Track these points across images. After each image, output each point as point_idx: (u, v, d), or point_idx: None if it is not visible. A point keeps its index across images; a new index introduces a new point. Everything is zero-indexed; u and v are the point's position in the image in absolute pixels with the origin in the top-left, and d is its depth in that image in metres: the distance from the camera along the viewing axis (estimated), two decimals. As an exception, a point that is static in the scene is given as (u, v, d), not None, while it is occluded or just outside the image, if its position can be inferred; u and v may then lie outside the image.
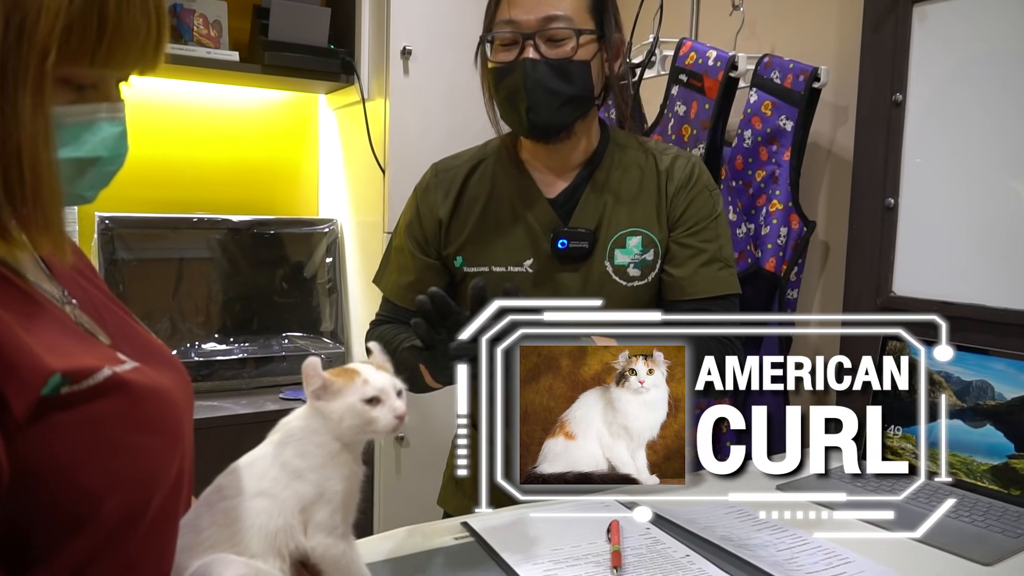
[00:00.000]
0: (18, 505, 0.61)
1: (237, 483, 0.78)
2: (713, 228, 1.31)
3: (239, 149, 2.62)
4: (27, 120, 0.63)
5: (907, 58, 1.63)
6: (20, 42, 0.62)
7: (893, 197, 1.66)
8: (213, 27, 2.33)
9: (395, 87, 2.30)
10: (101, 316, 0.80)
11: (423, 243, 1.37)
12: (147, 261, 2.33)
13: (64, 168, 0.68)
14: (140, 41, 0.69)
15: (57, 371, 0.63)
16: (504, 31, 1.24)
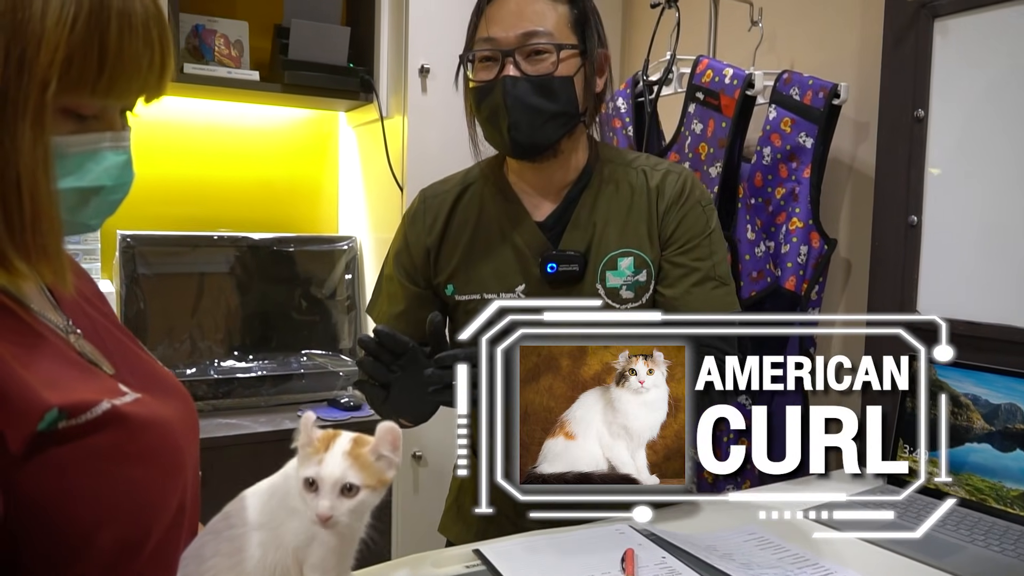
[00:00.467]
0: (14, 537, 0.61)
1: (242, 512, 0.77)
2: (707, 245, 1.27)
3: (259, 167, 2.64)
4: (27, 150, 0.63)
5: (929, 73, 1.60)
6: (20, 73, 0.62)
7: (916, 214, 1.63)
8: (234, 47, 2.35)
9: (413, 105, 2.31)
10: (106, 345, 0.80)
11: (412, 272, 1.35)
12: (168, 278, 2.35)
13: (67, 198, 0.68)
14: (142, 71, 0.69)
15: (54, 406, 0.63)
16: (483, 48, 1.22)
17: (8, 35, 0.62)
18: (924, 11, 1.59)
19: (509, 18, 1.20)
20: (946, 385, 1.52)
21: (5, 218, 0.63)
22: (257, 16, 2.45)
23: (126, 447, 0.68)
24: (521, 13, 1.20)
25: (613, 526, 1.25)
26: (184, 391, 0.84)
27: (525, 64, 1.20)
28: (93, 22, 0.65)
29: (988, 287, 1.54)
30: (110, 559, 0.66)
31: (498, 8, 1.22)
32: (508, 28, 1.20)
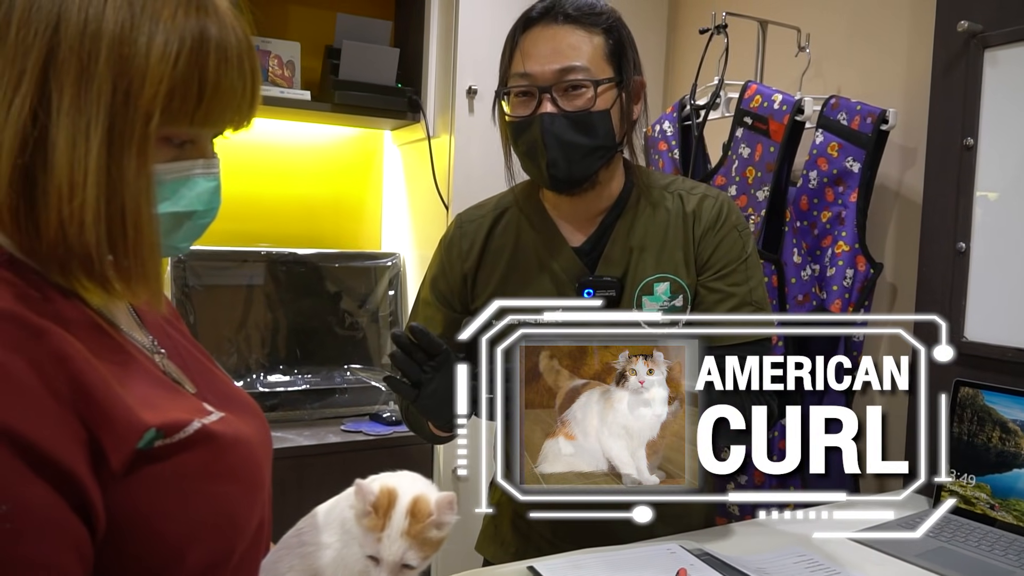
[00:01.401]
0: (103, 558, 0.63)
1: (313, 530, 0.80)
2: (743, 270, 1.26)
3: (304, 184, 2.69)
4: (131, 179, 0.66)
5: (979, 102, 1.60)
6: (127, 106, 0.65)
7: (964, 241, 1.63)
8: (287, 67, 2.41)
9: (460, 125, 2.35)
10: (186, 364, 0.82)
11: (449, 297, 1.35)
12: (217, 292, 2.40)
13: (162, 222, 0.71)
14: (236, 101, 0.72)
15: (152, 426, 0.65)
16: (519, 84, 1.21)
17: (115, 71, 0.65)
18: (974, 41, 1.60)
19: (545, 52, 1.19)
20: (994, 411, 1.51)
21: (110, 243, 0.66)
22: (309, 37, 2.50)
23: (214, 465, 0.70)
24: (557, 47, 1.19)
25: (663, 545, 1.26)
26: (258, 409, 0.87)
27: (562, 100, 1.19)
28: (194, 57, 0.67)
29: (1036, 314, 1.53)
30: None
31: (533, 42, 1.21)
32: (544, 63, 1.19)
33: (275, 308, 2.49)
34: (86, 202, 0.64)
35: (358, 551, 0.78)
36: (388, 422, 2.40)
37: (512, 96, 1.24)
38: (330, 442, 2.24)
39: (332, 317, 2.58)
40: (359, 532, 0.79)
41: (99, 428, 0.62)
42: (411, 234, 2.67)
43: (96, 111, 0.64)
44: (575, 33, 1.20)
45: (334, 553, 0.78)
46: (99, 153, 0.64)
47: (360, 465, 2.40)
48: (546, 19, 1.21)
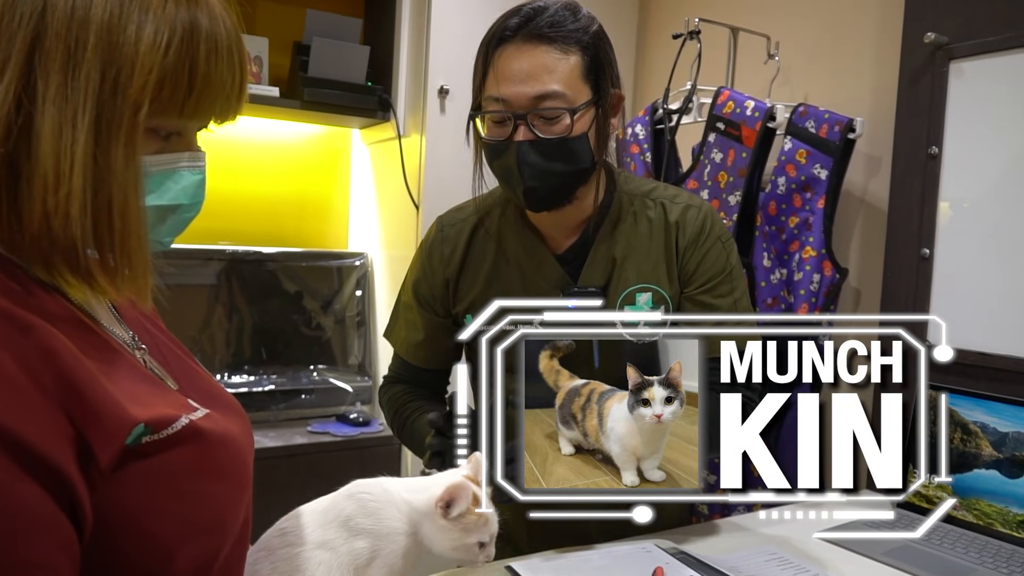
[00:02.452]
0: (93, 558, 0.62)
1: (299, 530, 0.79)
2: (728, 282, 1.26)
3: (270, 181, 2.66)
4: (119, 170, 0.65)
5: (944, 112, 1.65)
6: (115, 96, 0.64)
7: (928, 248, 1.67)
8: (254, 63, 2.38)
9: (432, 125, 2.34)
10: (167, 360, 0.81)
11: (431, 301, 1.34)
12: (179, 292, 2.36)
13: (147, 216, 0.70)
14: (225, 92, 0.71)
15: (140, 421, 0.64)
16: (494, 109, 1.17)
17: (104, 59, 0.63)
18: (940, 53, 1.64)
19: (520, 77, 1.13)
20: (956, 413, 1.55)
21: (96, 236, 0.64)
22: (277, 33, 2.48)
23: (202, 463, 0.69)
24: (531, 71, 1.13)
25: (640, 544, 1.27)
26: (239, 406, 0.85)
27: (538, 126, 1.15)
28: (184, 47, 0.66)
29: (998, 319, 1.57)
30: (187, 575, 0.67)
31: (507, 63, 1.15)
32: (519, 87, 1.13)
33: (239, 308, 2.45)
34: (72, 193, 0.62)
35: (358, 547, 0.77)
36: (355, 423, 2.38)
37: (487, 116, 1.19)
38: (296, 443, 2.22)
39: (298, 317, 2.55)
40: (466, 524, 0.83)
41: (87, 424, 0.60)
42: (379, 234, 2.65)
43: (83, 99, 0.63)
44: (550, 54, 1.14)
45: (326, 554, 0.77)
46: (86, 142, 0.62)
47: (327, 467, 2.39)
48: (520, 37, 1.15)
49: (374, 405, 2.60)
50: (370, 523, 0.78)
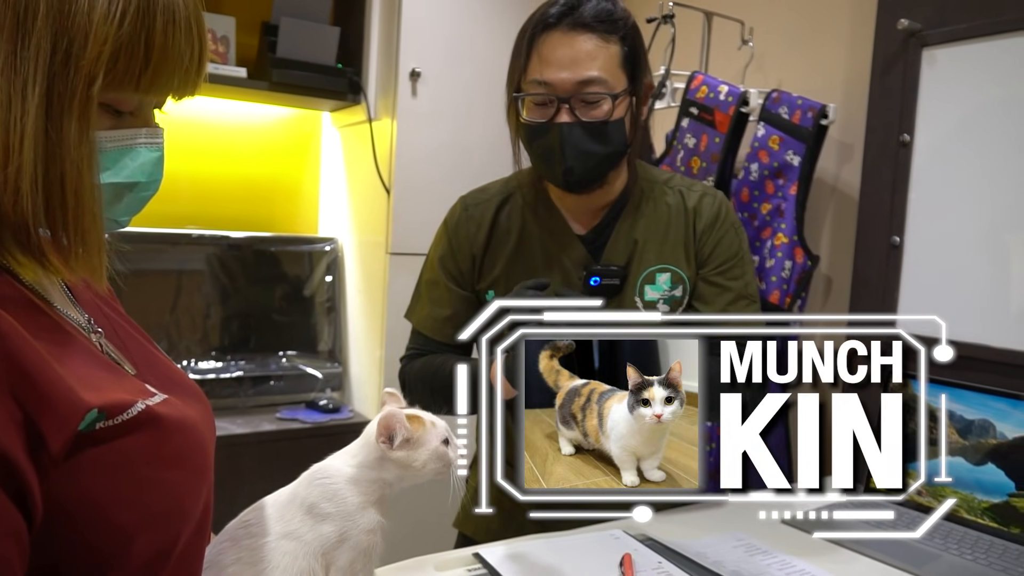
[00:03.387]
0: (49, 545, 0.60)
1: (263, 521, 0.77)
2: (740, 266, 1.33)
3: (239, 164, 2.62)
4: (72, 145, 0.62)
5: (915, 100, 1.65)
6: (67, 67, 0.61)
7: (899, 235, 1.68)
8: (221, 42, 2.33)
9: (403, 108, 2.31)
10: (125, 344, 0.79)
11: (458, 276, 1.37)
12: (145, 277, 2.31)
13: (103, 193, 0.68)
14: (183, 66, 0.69)
15: (94, 406, 0.62)
16: (537, 92, 1.23)
17: (56, 29, 0.61)
18: (913, 40, 1.64)
19: (564, 61, 1.20)
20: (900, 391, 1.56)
21: (47, 213, 0.62)
22: (244, 12, 2.43)
23: (160, 449, 0.67)
24: (575, 57, 1.20)
25: (608, 531, 1.26)
26: (201, 392, 0.83)
27: (580, 110, 1.22)
28: (140, 18, 0.64)
29: (965, 307, 1.59)
30: (143, 565, 0.65)
31: (552, 48, 1.22)
32: (563, 72, 1.20)
33: (207, 293, 2.42)
34: (22, 168, 0.60)
35: (325, 531, 0.76)
36: (324, 410, 2.36)
37: (527, 99, 1.25)
38: (265, 430, 2.19)
39: (267, 303, 2.52)
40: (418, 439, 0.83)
41: (37, 410, 0.58)
42: (350, 219, 2.62)
43: (33, 71, 0.60)
44: (592, 40, 1.21)
45: (292, 543, 0.75)
46: (37, 115, 0.60)
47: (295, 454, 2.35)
48: (564, 24, 1.22)
49: (344, 391, 2.58)
50: (333, 506, 0.78)
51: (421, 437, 0.83)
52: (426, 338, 1.40)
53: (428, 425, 0.84)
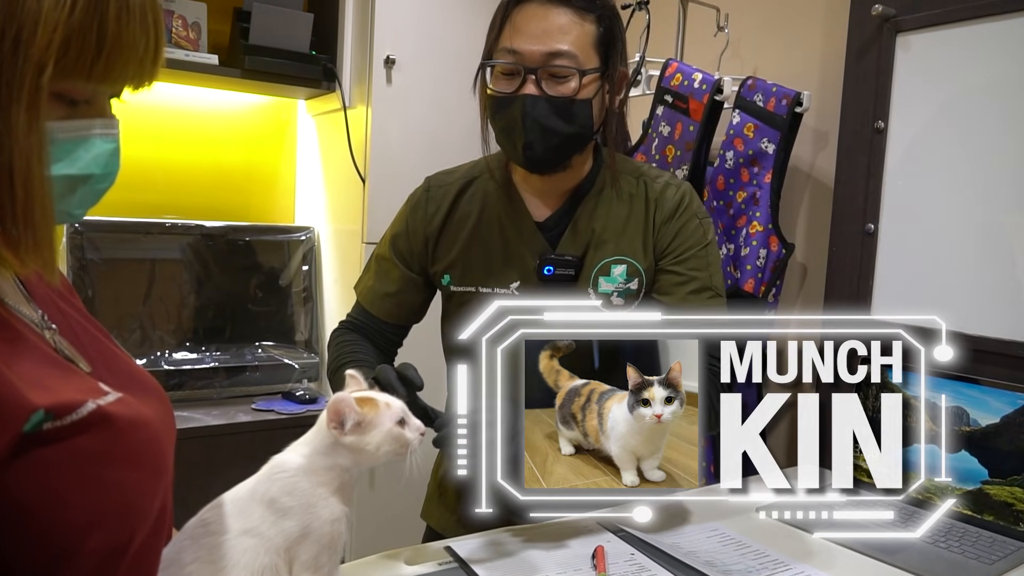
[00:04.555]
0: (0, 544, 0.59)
1: (222, 519, 0.76)
2: (703, 256, 1.29)
3: (213, 153, 2.59)
4: (21, 136, 0.61)
5: (890, 86, 1.65)
6: (15, 55, 0.60)
7: (873, 223, 1.68)
8: (192, 29, 2.30)
9: (378, 96, 2.29)
10: (80, 341, 0.77)
11: (407, 256, 1.37)
12: (118, 266, 2.28)
13: (55, 185, 0.66)
14: (139, 55, 0.67)
15: (40, 407, 0.60)
16: (506, 60, 1.21)
17: (3, 15, 0.59)
18: (887, 26, 1.64)
19: (535, 32, 1.18)
20: (896, 387, 1.57)
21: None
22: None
23: (112, 449, 0.66)
24: (548, 28, 1.18)
25: (582, 523, 1.26)
26: (160, 389, 0.82)
27: (547, 83, 1.19)
28: (92, 4, 0.62)
29: (939, 294, 1.59)
30: (95, 565, 0.64)
31: (525, 19, 1.20)
32: (534, 43, 1.18)
33: (181, 283, 2.39)
34: None
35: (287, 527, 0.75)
36: (301, 400, 2.34)
37: (496, 70, 1.22)
38: (240, 421, 2.17)
39: (243, 292, 2.49)
40: (370, 422, 0.81)
41: None
42: (326, 208, 2.59)
43: None
44: (567, 15, 1.19)
45: (253, 540, 0.74)
46: None
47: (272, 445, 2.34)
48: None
49: (321, 382, 2.56)
50: (293, 500, 0.76)
51: (374, 419, 0.80)
52: (364, 310, 1.40)
53: (382, 407, 0.82)
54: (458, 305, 1.34)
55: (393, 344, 1.44)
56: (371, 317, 1.39)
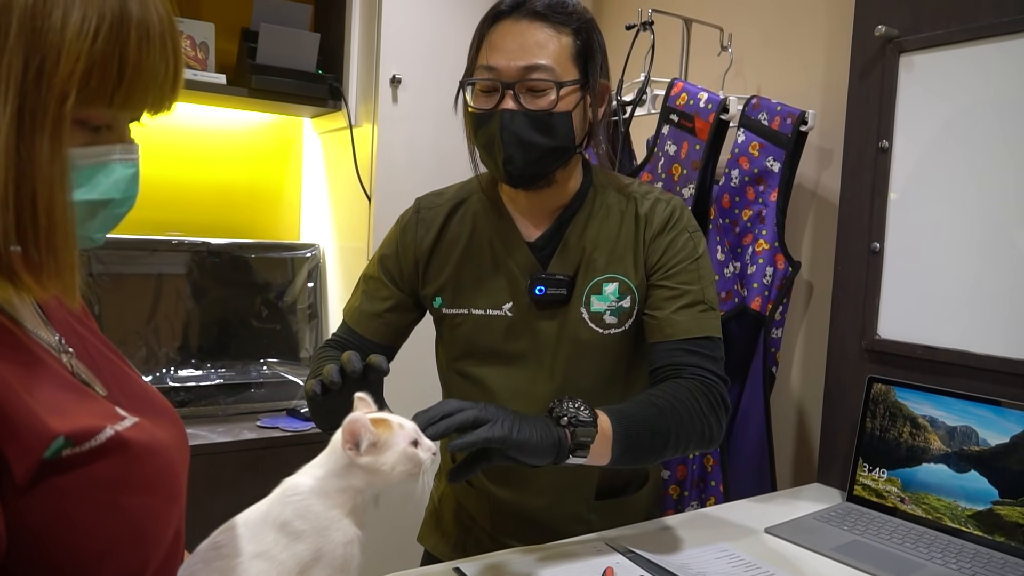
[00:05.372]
0: (15, 570, 0.59)
1: (235, 542, 0.76)
2: (694, 270, 1.27)
3: (219, 171, 2.60)
4: (44, 163, 0.62)
5: (894, 106, 1.65)
6: (39, 85, 0.61)
7: (879, 241, 1.68)
8: (200, 49, 2.31)
9: (383, 115, 2.30)
10: (97, 365, 0.78)
11: (397, 277, 1.36)
12: (124, 283, 2.29)
13: (76, 210, 0.67)
14: (158, 82, 0.68)
15: (60, 434, 0.61)
16: (484, 77, 1.20)
17: (27, 46, 0.60)
18: (890, 46, 1.65)
19: (511, 48, 1.18)
20: (904, 407, 1.57)
21: (19, 232, 0.61)
22: (224, 18, 2.41)
23: (128, 476, 0.66)
24: (523, 44, 1.18)
25: (590, 543, 1.26)
26: (173, 411, 0.82)
27: (525, 97, 1.18)
28: (114, 34, 0.63)
29: (946, 313, 1.59)
30: None
31: (501, 36, 1.20)
32: (510, 59, 1.18)
33: (187, 299, 2.39)
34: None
35: (299, 549, 0.75)
36: (306, 418, 2.34)
37: (476, 88, 1.23)
38: (245, 439, 2.17)
39: (248, 309, 2.49)
40: (384, 442, 0.80)
41: (1, 437, 0.57)
42: (331, 225, 2.60)
43: (4, 89, 0.60)
44: (543, 30, 1.19)
45: (265, 563, 0.74)
46: (8, 134, 0.60)
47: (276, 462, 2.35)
48: (516, 14, 1.20)
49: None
50: (306, 523, 0.76)
51: (388, 440, 0.80)
52: (350, 329, 1.39)
53: (395, 427, 0.82)
54: (451, 328, 1.33)
55: None
56: (357, 336, 1.37)
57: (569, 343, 1.27)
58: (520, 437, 1.00)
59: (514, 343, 1.29)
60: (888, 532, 1.45)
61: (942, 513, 1.48)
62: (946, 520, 1.47)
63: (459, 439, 0.98)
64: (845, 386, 1.74)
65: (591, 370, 1.29)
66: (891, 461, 1.58)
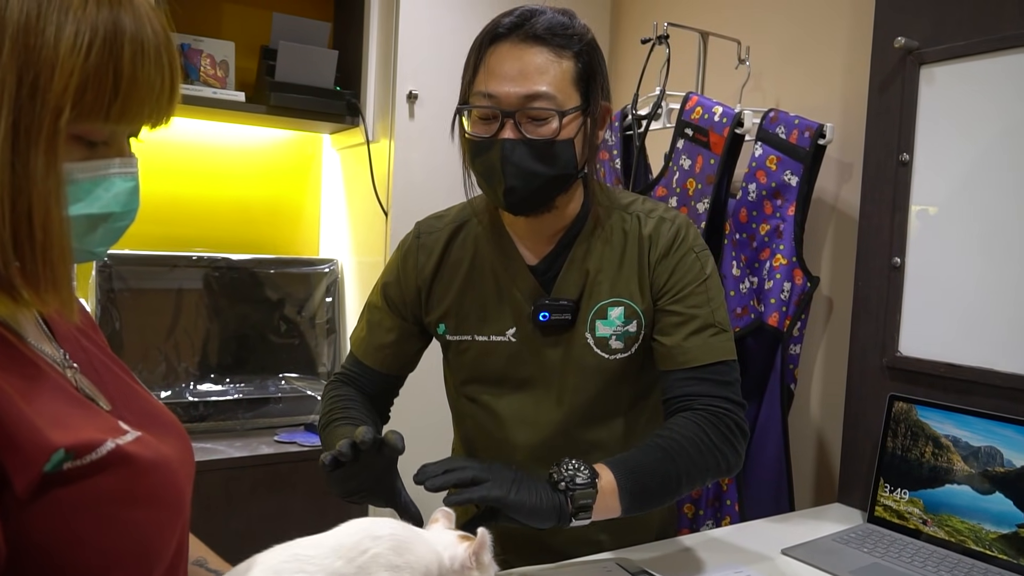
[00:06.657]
0: None
1: None
2: (703, 292, 1.22)
3: (239, 187, 2.62)
4: (39, 178, 0.62)
5: (914, 118, 1.63)
6: (33, 100, 0.61)
7: (900, 256, 1.65)
8: (220, 67, 2.34)
9: (400, 130, 2.31)
10: (102, 379, 0.78)
11: (400, 305, 1.33)
12: (145, 298, 2.31)
13: (75, 225, 0.67)
14: (154, 96, 0.68)
15: (60, 447, 0.61)
16: (483, 104, 1.15)
17: (21, 62, 0.60)
18: (910, 58, 1.62)
19: (511, 74, 1.13)
20: (927, 426, 1.53)
21: (15, 247, 0.61)
22: (244, 37, 2.44)
23: (130, 489, 0.66)
24: (523, 69, 1.13)
25: (601, 563, 1.24)
26: (180, 427, 0.82)
27: (525, 126, 1.14)
28: (107, 48, 0.64)
29: (969, 330, 1.55)
30: None
31: (499, 60, 1.14)
32: (509, 86, 1.12)
33: (207, 315, 2.41)
34: None
35: None
36: (323, 433, 2.33)
37: (473, 114, 1.17)
38: (262, 453, 2.17)
39: (267, 324, 2.51)
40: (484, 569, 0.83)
41: (1, 449, 0.57)
42: (350, 240, 2.61)
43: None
44: (543, 55, 1.13)
45: None
46: (3, 149, 0.60)
47: (293, 477, 2.35)
48: (515, 36, 1.14)
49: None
50: (405, 560, 0.75)
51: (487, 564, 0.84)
52: (357, 361, 1.37)
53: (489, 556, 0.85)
54: (457, 354, 1.32)
55: (389, 394, 1.41)
56: (365, 368, 1.35)
57: (575, 368, 1.25)
58: (517, 498, 0.99)
59: (520, 369, 1.27)
60: (910, 555, 1.42)
61: (966, 536, 1.44)
62: (970, 543, 1.43)
63: (456, 495, 0.98)
64: (865, 404, 1.70)
65: (599, 395, 1.26)
66: (913, 481, 1.54)
